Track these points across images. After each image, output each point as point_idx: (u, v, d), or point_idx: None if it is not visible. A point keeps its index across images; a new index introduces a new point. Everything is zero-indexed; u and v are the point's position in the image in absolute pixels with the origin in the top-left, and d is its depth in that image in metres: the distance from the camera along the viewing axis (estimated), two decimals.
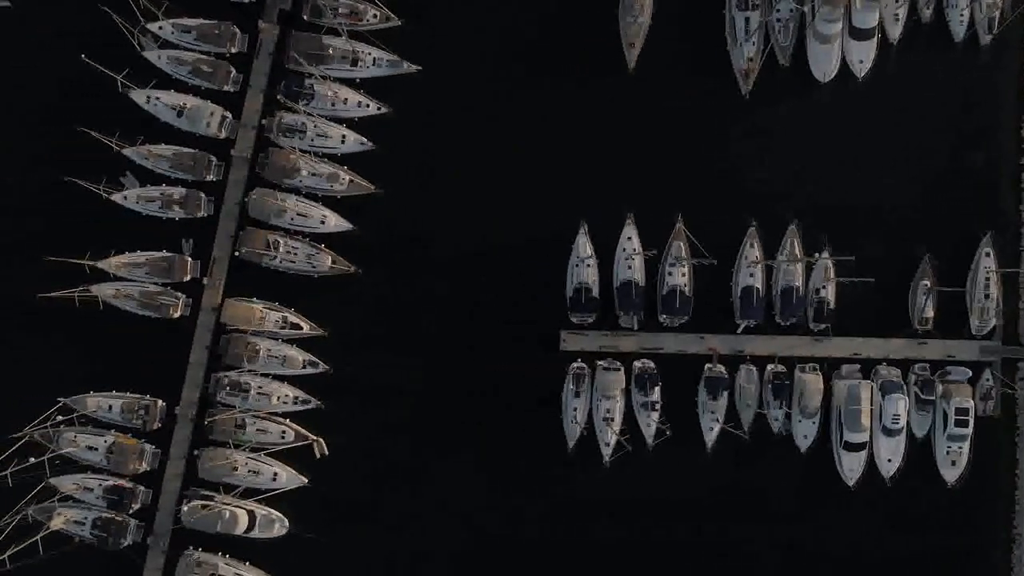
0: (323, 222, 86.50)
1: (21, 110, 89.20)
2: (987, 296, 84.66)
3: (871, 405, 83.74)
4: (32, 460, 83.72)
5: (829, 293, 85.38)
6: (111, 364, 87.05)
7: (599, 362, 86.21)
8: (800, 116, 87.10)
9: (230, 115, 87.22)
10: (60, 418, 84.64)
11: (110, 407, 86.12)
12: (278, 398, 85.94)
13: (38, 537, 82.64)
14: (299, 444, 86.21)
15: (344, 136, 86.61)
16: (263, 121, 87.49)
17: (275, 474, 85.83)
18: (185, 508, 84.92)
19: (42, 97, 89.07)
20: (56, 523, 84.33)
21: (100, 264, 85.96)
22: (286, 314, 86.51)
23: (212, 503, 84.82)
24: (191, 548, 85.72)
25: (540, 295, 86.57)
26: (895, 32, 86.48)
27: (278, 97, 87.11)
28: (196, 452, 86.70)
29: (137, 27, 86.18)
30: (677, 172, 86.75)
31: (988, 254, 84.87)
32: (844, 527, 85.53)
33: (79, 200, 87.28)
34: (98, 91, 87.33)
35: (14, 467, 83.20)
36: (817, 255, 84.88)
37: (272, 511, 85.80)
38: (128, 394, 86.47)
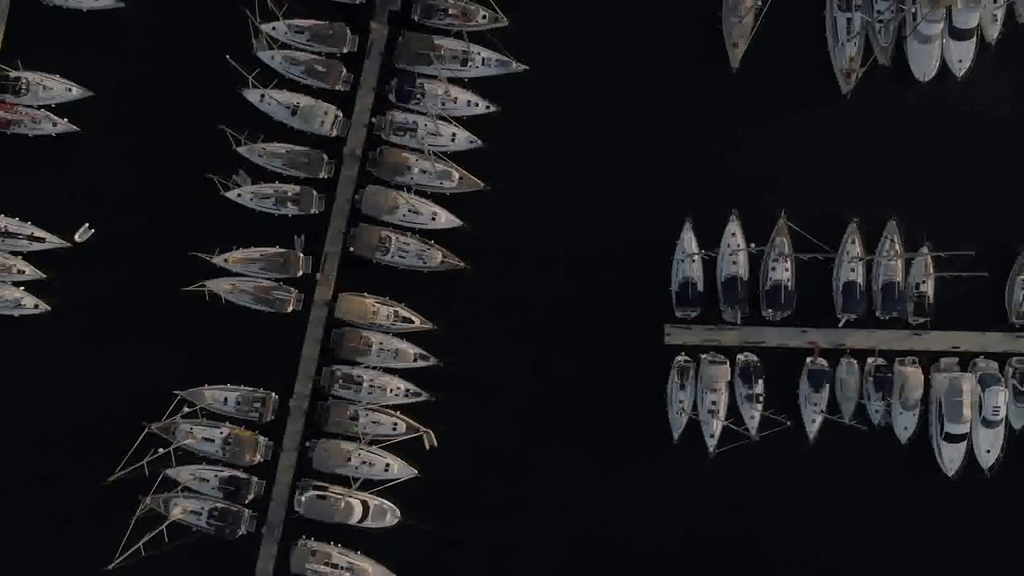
0: (434, 218, 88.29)
1: (130, 110, 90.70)
2: None
3: (972, 397, 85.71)
4: (161, 450, 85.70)
5: (928, 288, 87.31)
6: (223, 358, 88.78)
7: (703, 355, 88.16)
8: (900, 114, 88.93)
9: (341, 113, 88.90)
10: (186, 409, 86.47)
11: (225, 400, 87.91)
12: (391, 391, 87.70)
13: (163, 527, 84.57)
14: (410, 436, 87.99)
15: (454, 134, 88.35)
16: (373, 119, 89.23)
17: (387, 465, 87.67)
18: (302, 499, 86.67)
19: (152, 95, 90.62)
20: (175, 513, 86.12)
21: (217, 259, 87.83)
22: (397, 308, 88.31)
23: (329, 493, 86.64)
24: (304, 537, 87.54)
25: (645, 290, 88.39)
26: (993, 33, 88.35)
27: (389, 97, 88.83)
28: (308, 444, 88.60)
29: (260, 27, 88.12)
30: (779, 169, 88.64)
31: None
32: (944, 516, 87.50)
33: (187, 197, 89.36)
34: (199, 90, 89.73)
35: (150, 457, 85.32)
36: (924, 249, 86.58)
37: (384, 501, 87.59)
38: (242, 387, 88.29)
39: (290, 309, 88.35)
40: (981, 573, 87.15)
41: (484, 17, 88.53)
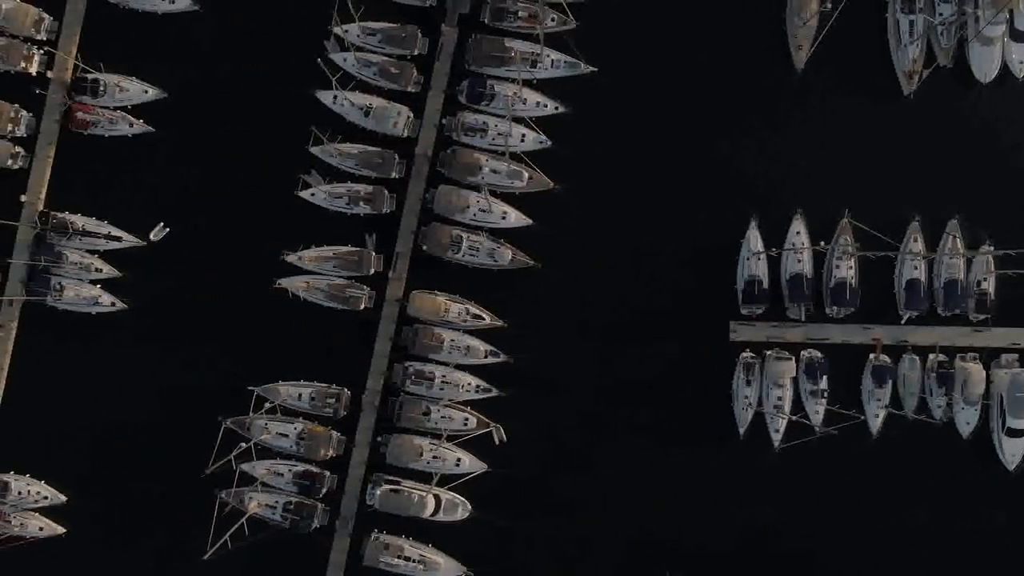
0: (504, 217, 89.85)
1: (204, 111, 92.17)
2: None
3: None
4: (244, 445, 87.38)
5: (990, 285, 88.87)
6: (297, 354, 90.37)
7: (768, 352, 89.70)
8: (961, 115, 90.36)
9: (412, 114, 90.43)
10: (267, 405, 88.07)
11: (300, 396, 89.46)
12: (462, 387, 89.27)
13: (243, 520, 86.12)
14: (480, 431, 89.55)
15: (524, 135, 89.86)
16: (443, 120, 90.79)
17: (458, 460, 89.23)
18: (376, 492, 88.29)
19: (226, 97, 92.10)
20: (252, 507, 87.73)
21: (293, 257, 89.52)
22: (468, 306, 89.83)
23: (403, 487, 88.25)
24: (376, 531, 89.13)
25: (710, 287, 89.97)
26: None
27: (460, 98, 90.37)
28: (380, 439, 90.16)
29: (337, 30, 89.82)
30: (843, 169, 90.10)
31: None
32: (1005, 509, 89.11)
33: (261, 197, 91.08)
34: (272, 91, 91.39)
35: (236, 452, 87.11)
36: (989, 247, 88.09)
37: (456, 495, 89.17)
38: (316, 383, 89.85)
39: (363, 307, 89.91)
40: None
41: (553, 20, 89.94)
